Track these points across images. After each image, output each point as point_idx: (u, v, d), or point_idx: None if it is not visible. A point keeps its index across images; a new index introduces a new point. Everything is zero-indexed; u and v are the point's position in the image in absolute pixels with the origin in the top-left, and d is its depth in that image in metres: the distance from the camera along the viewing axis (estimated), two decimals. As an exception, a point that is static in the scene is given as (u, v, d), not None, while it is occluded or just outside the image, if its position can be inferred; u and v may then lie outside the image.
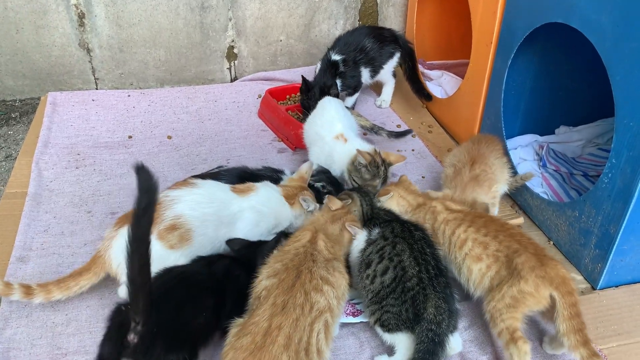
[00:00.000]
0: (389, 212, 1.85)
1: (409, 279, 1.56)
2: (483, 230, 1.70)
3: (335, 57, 2.80)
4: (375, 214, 1.83)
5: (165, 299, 1.41)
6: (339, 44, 2.86)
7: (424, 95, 3.03)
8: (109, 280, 1.85)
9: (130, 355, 1.31)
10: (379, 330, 1.62)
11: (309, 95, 2.67)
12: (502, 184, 2.18)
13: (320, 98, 2.52)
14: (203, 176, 2.05)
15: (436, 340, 1.48)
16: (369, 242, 1.71)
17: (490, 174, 2.12)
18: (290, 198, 1.91)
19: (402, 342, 1.56)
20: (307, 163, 2.10)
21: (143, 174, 1.19)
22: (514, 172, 2.29)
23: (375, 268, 1.63)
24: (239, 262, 1.67)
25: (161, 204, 1.68)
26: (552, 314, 1.54)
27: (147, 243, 1.22)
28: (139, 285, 1.24)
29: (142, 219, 1.20)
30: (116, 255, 1.67)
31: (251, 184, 1.92)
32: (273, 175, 2.08)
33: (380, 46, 2.90)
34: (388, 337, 1.59)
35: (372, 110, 3.06)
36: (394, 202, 1.92)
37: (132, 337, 1.31)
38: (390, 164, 2.17)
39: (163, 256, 1.64)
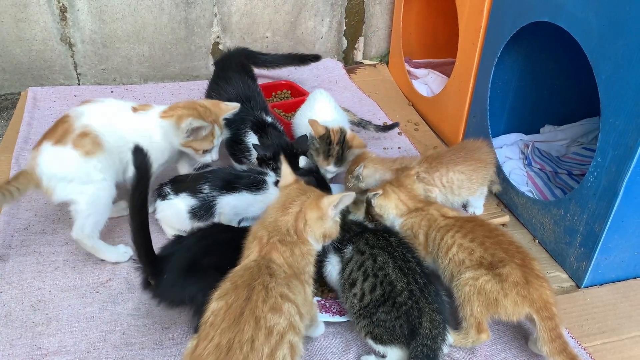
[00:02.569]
0: (360, 224, 1.77)
1: (398, 293, 1.50)
2: (470, 235, 1.67)
3: (268, 118, 2.24)
4: (346, 227, 1.69)
5: (182, 251, 1.62)
6: (257, 103, 2.28)
7: (309, 58, 2.90)
8: (90, 280, 1.83)
9: (153, 294, 1.59)
10: (370, 342, 1.55)
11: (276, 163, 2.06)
12: (448, 199, 2.09)
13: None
14: (185, 178, 2.02)
15: (430, 355, 1.45)
16: (346, 261, 1.64)
17: (430, 179, 2.04)
18: (170, 111, 1.91)
19: (395, 353, 1.52)
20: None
21: (139, 154, 1.45)
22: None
23: (362, 287, 1.56)
24: None
25: (71, 118, 1.81)
26: (532, 321, 1.56)
27: (144, 212, 1.49)
28: (140, 243, 1.50)
29: (137, 191, 1.44)
30: (42, 169, 1.75)
31: (147, 104, 1.97)
32: (257, 177, 2.01)
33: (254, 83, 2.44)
34: (381, 348, 1.54)
35: (359, 108, 3.05)
36: (392, 204, 1.85)
37: (152, 282, 1.57)
38: (350, 147, 2.11)
39: (82, 165, 1.76)
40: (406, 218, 1.83)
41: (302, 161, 2.17)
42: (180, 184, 1.98)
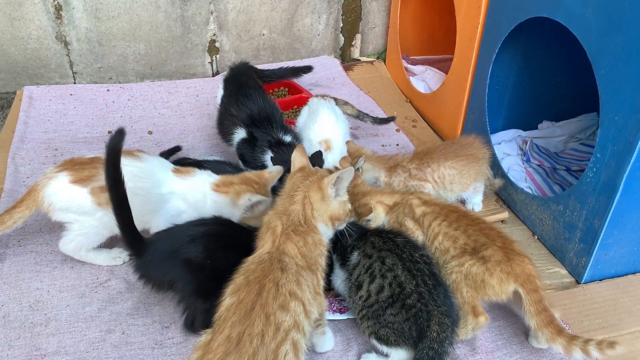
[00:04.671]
0: (359, 226, 1.75)
1: (408, 295, 1.48)
2: (455, 224, 1.71)
3: (287, 137, 2.20)
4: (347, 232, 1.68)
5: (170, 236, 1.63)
6: (277, 121, 2.24)
7: (302, 69, 2.94)
8: (89, 279, 1.82)
9: (139, 274, 1.62)
10: (375, 342, 1.55)
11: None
12: (440, 195, 2.09)
13: None
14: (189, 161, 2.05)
15: (436, 359, 1.43)
16: (353, 267, 1.62)
17: (422, 175, 2.06)
18: (224, 186, 1.82)
19: (400, 354, 1.51)
20: (276, 168, 1.92)
21: (117, 135, 1.50)
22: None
23: (368, 288, 1.54)
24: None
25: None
26: (519, 304, 1.58)
27: (121, 189, 1.50)
28: (120, 217, 1.52)
29: (110, 166, 1.48)
30: (49, 194, 1.75)
31: (193, 168, 1.88)
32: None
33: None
34: (385, 349, 1.53)
35: (356, 105, 3.03)
36: (380, 209, 1.85)
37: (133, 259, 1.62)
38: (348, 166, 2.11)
39: (90, 210, 1.74)
40: (390, 215, 1.85)
41: None
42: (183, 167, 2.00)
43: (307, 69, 2.94)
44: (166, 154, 2.31)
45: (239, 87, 2.37)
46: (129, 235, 1.56)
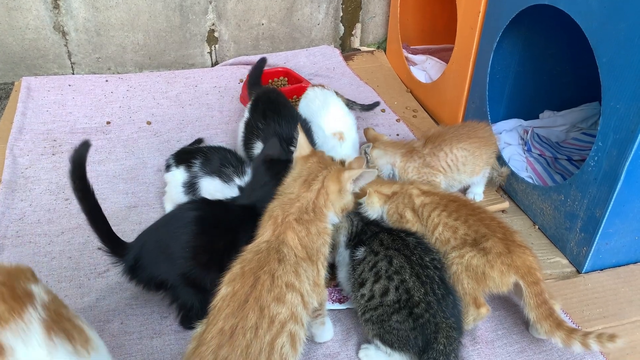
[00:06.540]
0: (378, 224, 1.72)
1: (416, 304, 1.43)
2: (454, 214, 1.69)
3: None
4: (363, 230, 1.67)
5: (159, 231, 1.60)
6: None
7: (257, 69, 2.64)
8: (87, 270, 1.81)
9: (129, 276, 1.58)
10: (378, 343, 1.51)
11: None
12: (454, 178, 2.09)
13: None
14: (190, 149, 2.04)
15: None
16: (357, 262, 1.58)
17: (436, 162, 2.06)
18: None
19: (402, 358, 1.48)
20: None
21: (82, 147, 1.45)
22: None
23: (371, 288, 1.49)
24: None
25: None
26: (520, 294, 1.57)
27: (92, 199, 1.50)
28: (97, 228, 1.53)
29: (76, 179, 1.46)
30: None
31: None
32: (228, 171, 1.92)
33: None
34: (388, 350, 1.49)
35: (356, 95, 3.02)
36: (375, 198, 1.82)
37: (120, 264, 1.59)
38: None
39: None
40: (389, 204, 1.83)
41: None
42: (183, 155, 2.01)
43: (262, 62, 2.65)
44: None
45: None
46: (108, 243, 1.55)
